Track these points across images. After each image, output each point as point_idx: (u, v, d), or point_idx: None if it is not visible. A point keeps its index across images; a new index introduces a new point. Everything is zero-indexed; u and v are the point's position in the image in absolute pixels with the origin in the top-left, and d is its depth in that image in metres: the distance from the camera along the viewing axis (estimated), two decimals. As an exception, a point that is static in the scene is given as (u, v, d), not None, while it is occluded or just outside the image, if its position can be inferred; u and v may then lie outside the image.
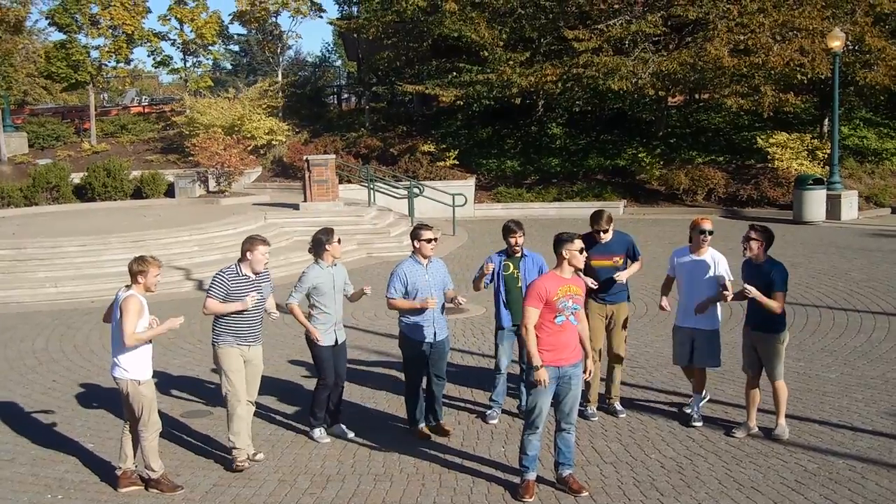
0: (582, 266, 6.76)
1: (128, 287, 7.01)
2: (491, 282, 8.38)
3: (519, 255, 8.29)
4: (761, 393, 7.88)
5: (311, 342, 8.05)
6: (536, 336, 6.57)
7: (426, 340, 7.96)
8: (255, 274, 7.52)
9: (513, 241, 8.23)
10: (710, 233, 8.11)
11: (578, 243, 6.64)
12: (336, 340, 8.05)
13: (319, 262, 8.00)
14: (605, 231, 8.24)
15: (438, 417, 8.21)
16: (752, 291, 7.44)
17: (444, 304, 8.17)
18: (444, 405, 8.49)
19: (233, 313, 7.39)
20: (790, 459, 7.22)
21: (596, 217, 8.26)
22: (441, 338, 8.08)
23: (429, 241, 7.98)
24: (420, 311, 7.91)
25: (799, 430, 7.81)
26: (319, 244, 8.00)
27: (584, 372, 6.91)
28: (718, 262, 8.12)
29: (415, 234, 8.07)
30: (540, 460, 6.90)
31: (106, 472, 7.42)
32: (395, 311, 8.22)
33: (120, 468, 7.15)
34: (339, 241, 8.10)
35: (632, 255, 8.54)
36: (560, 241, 6.67)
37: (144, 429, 6.96)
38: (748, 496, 6.58)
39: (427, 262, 8.03)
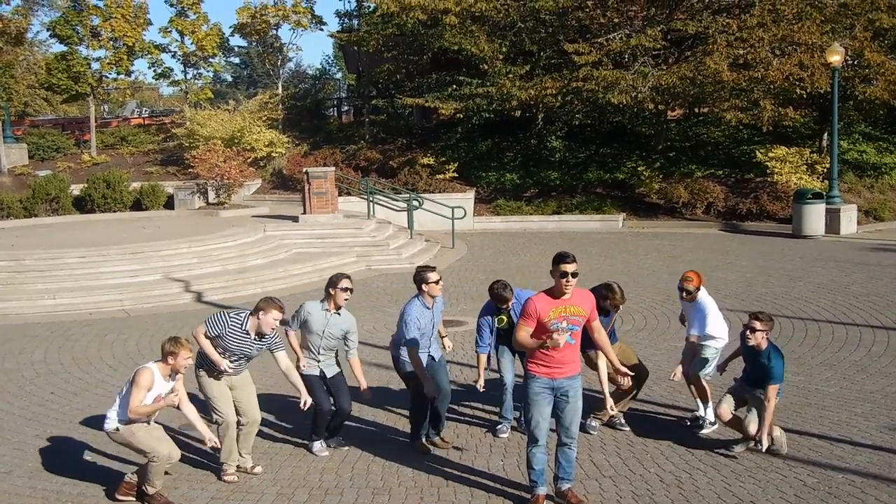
0: (566, 293, 6.44)
1: (155, 361, 7.00)
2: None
3: (507, 307, 8.25)
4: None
5: (299, 369, 8.06)
6: (532, 352, 6.58)
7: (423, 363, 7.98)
8: (259, 335, 7.47)
9: (505, 307, 8.22)
10: (689, 292, 8.27)
11: (563, 267, 6.38)
12: (322, 373, 8.02)
13: (324, 301, 7.98)
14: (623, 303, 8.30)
15: (438, 432, 8.19)
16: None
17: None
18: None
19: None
20: (789, 474, 7.21)
21: (611, 291, 8.08)
22: (437, 357, 8.12)
23: (437, 282, 7.90)
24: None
25: (798, 445, 7.79)
26: (329, 285, 7.96)
27: (622, 381, 6.93)
28: (706, 306, 8.29)
29: (421, 278, 7.88)
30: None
31: (104, 485, 7.41)
32: (393, 325, 8.18)
33: (130, 478, 7.15)
34: (348, 290, 7.93)
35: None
36: (553, 261, 6.48)
37: (151, 462, 6.92)
38: (747, 511, 6.57)
39: (433, 303, 8.00)
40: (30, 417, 9.40)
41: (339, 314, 7.99)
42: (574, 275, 6.43)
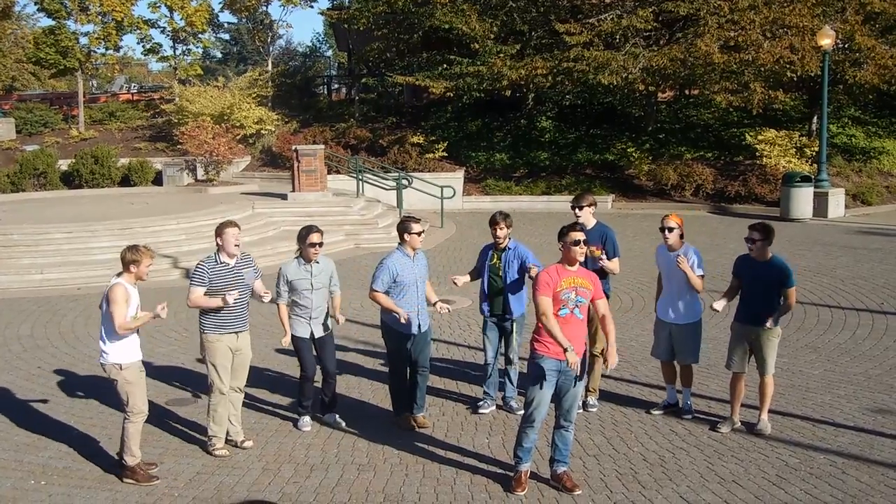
0: (580, 259, 6.64)
1: (118, 275, 7.01)
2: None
3: (503, 247, 8.28)
4: (746, 388, 7.94)
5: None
6: (540, 328, 6.56)
7: (410, 332, 7.98)
8: (232, 257, 7.52)
9: (495, 231, 8.21)
10: (669, 229, 8.14)
11: (573, 235, 6.60)
12: (312, 333, 8.05)
13: (298, 258, 8.05)
14: (582, 208, 8.30)
15: (420, 410, 8.20)
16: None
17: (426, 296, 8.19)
18: (429, 395, 8.51)
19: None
20: (771, 454, 7.28)
21: (576, 197, 8.45)
22: (424, 329, 8.11)
23: (419, 233, 8.04)
24: (403, 305, 7.91)
25: (781, 426, 7.86)
26: (299, 239, 8.03)
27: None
28: (689, 253, 8.21)
29: (404, 228, 8.06)
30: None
31: (90, 459, 7.44)
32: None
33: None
34: (318, 244, 7.99)
35: (610, 252, 8.37)
36: (559, 234, 6.72)
37: (130, 414, 6.97)
38: (729, 490, 6.63)
39: (414, 255, 8.06)
40: (16, 391, 9.39)
41: (318, 262, 8.05)
42: (576, 244, 6.58)
